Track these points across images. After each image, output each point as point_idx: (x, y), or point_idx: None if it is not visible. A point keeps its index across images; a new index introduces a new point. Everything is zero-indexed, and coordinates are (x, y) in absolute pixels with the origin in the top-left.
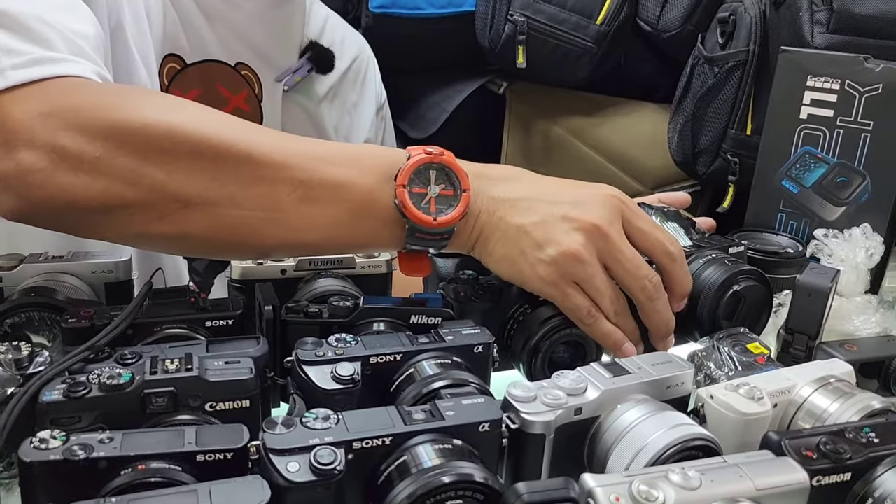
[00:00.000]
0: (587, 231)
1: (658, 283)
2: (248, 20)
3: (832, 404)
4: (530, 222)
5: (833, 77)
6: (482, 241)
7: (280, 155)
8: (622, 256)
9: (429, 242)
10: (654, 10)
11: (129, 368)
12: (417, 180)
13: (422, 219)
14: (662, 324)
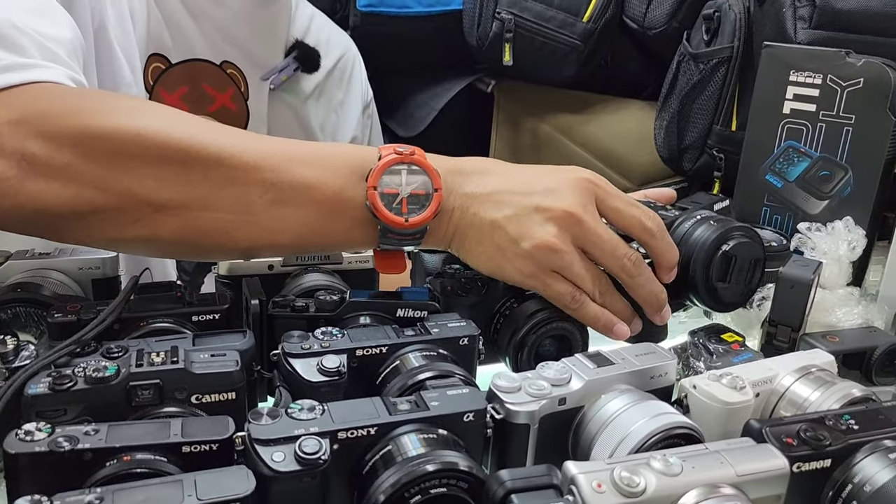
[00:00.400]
0: (560, 219)
1: (638, 260)
2: (233, 19)
3: (813, 393)
4: (503, 217)
5: (815, 72)
6: (458, 238)
7: (251, 157)
8: (598, 239)
9: (402, 242)
10: (640, 8)
11: (115, 361)
12: (389, 181)
13: (393, 220)
14: (652, 297)
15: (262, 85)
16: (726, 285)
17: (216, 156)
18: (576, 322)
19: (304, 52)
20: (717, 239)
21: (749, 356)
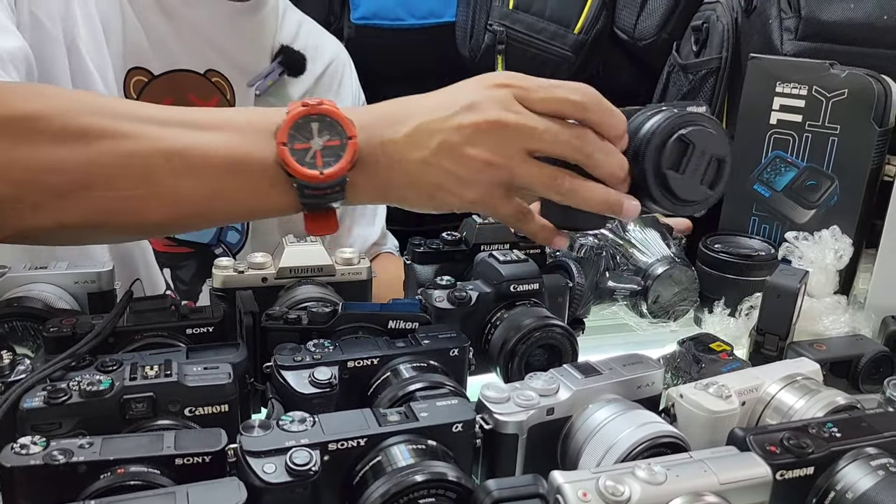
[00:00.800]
0: (488, 132)
1: (585, 135)
2: (216, 28)
3: (798, 401)
4: (430, 152)
5: (801, 83)
6: (392, 189)
7: (152, 129)
8: (535, 133)
9: (323, 198)
10: (630, 19)
11: (109, 375)
12: (299, 135)
13: (307, 174)
14: (615, 168)
15: (249, 91)
16: (679, 175)
17: (114, 130)
18: (566, 331)
19: (288, 56)
20: (675, 121)
21: (737, 365)
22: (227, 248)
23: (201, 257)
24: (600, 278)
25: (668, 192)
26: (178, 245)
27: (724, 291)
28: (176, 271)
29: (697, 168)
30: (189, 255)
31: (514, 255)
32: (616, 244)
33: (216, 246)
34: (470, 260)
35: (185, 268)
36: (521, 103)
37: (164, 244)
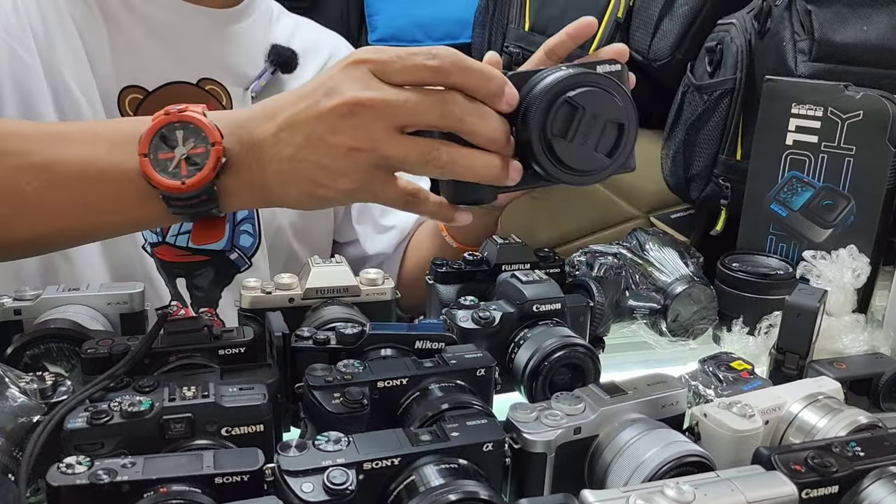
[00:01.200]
0: (346, 115)
1: (452, 99)
2: (206, 38)
3: (821, 420)
4: (297, 148)
5: (816, 104)
6: (271, 190)
7: (17, 143)
8: (395, 107)
9: (192, 208)
10: (645, 41)
11: (149, 396)
12: (164, 144)
13: (168, 185)
14: (491, 132)
15: (245, 95)
16: (568, 142)
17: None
18: (589, 351)
19: (277, 53)
20: (564, 82)
21: (758, 384)
22: (241, 252)
23: (218, 263)
24: (620, 297)
25: (556, 162)
26: (192, 254)
27: (743, 310)
28: (192, 280)
29: (589, 134)
30: (205, 263)
31: (536, 276)
32: (635, 263)
33: (231, 251)
34: (491, 280)
35: (201, 276)
36: (380, 78)
37: (177, 255)
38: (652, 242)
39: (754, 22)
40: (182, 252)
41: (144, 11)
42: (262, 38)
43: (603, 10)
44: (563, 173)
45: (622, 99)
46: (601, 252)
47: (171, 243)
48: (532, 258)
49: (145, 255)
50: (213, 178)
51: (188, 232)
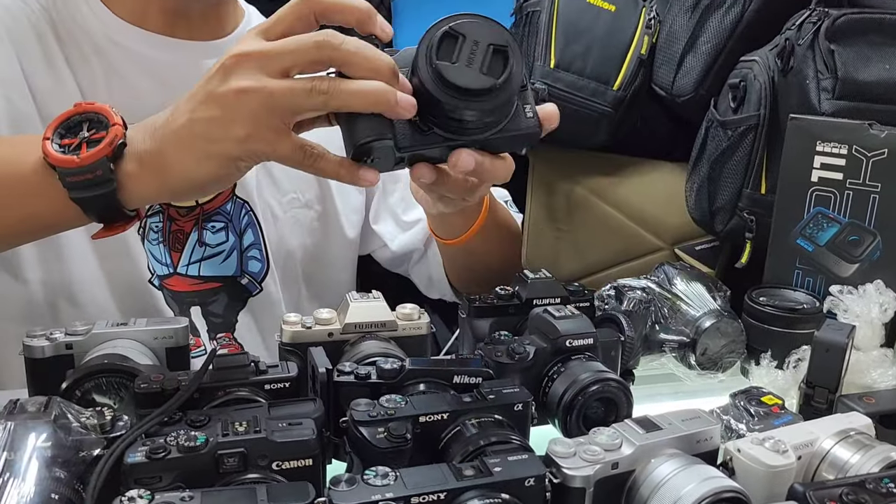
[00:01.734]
0: (232, 67)
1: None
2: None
3: (853, 456)
4: (191, 110)
5: (840, 142)
6: (169, 167)
7: None
8: (276, 51)
9: (87, 186)
10: (668, 77)
11: (203, 431)
12: (68, 134)
13: (64, 160)
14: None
15: None
16: (453, 65)
17: None
18: (622, 385)
19: None
20: (445, 20)
21: (789, 418)
22: (251, 277)
23: (230, 289)
24: (649, 331)
25: (445, 84)
26: (204, 282)
27: (771, 344)
28: (207, 307)
29: (473, 57)
30: (218, 290)
31: (569, 311)
32: (664, 298)
33: (241, 277)
34: (523, 314)
35: (215, 302)
36: (266, 36)
37: (189, 284)
38: (680, 277)
39: (777, 60)
40: (194, 281)
41: (134, 49)
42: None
43: (627, 48)
44: (455, 96)
45: (502, 29)
46: (630, 286)
47: (183, 273)
48: (562, 292)
49: (153, 289)
50: (109, 155)
51: (199, 261)
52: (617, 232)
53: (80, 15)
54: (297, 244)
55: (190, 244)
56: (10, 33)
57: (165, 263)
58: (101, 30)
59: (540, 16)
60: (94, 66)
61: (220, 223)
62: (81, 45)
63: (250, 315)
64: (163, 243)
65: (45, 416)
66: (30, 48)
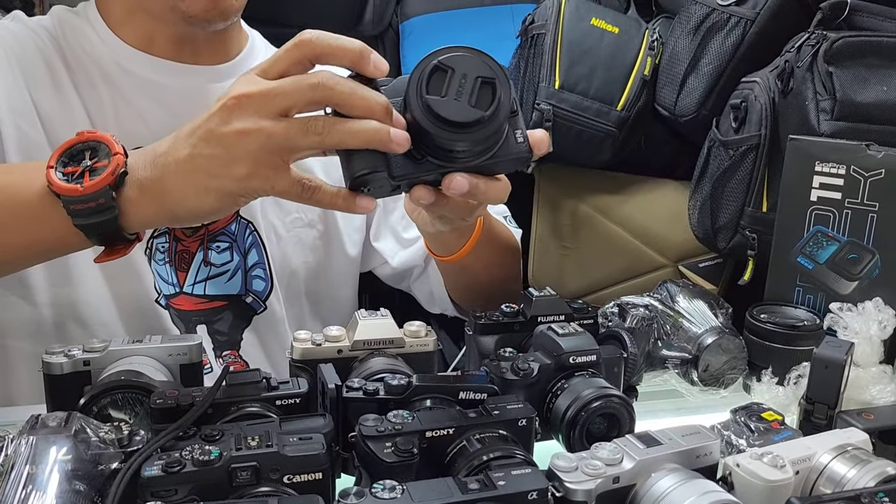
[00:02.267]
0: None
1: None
2: (203, 95)
3: (850, 471)
4: (193, 146)
5: (839, 163)
6: (169, 195)
7: None
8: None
9: (91, 214)
10: (671, 97)
11: (217, 445)
12: (71, 162)
13: (67, 188)
14: (369, 101)
15: None
16: (443, 98)
17: None
18: (624, 401)
19: None
20: (433, 55)
21: (789, 434)
22: (255, 296)
23: (235, 307)
24: (652, 347)
25: (435, 118)
26: (210, 301)
27: (772, 360)
28: (213, 325)
29: (462, 90)
30: (223, 308)
31: (572, 328)
32: (666, 315)
33: (245, 295)
34: (528, 330)
35: (221, 320)
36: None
37: (195, 303)
38: (682, 294)
39: (777, 81)
40: (200, 300)
41: (142, 75)
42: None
43: (630, 69)
44: (445, 129)
45: (491, 62)
46: (633, 303)
47: (189, 292)
48: (566, 310)
49: (159, 308)
50: (111, 183)
51: (204, 280)
52: (621, 249)
53: (87, 42)
54: (300, 262)
55: (195, 264)
56: (20, 61)
57: (172, 283)
58: (109, 56)
59: (545, 38)
60: (102, 92)
61: (225, 243)
62: (89, 71)
63: (255, 333)
64: (169, 263)
65: (66, 430)
66: (38, 75)
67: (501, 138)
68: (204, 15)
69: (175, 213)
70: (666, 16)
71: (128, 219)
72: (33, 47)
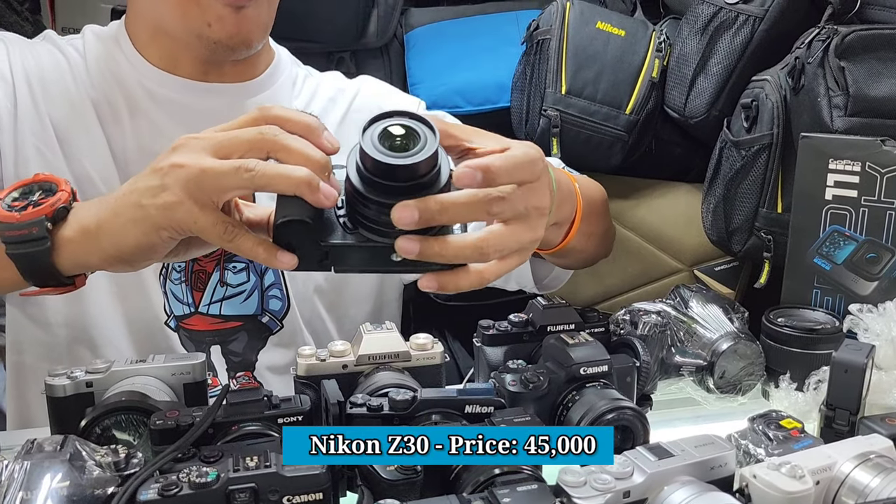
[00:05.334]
0: (175, 148)
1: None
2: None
3: (873, 479)
4: (131, 182)
5: (853, 160)
6: (102, 230)
7: None
8: (215, 138)
9: (24, 242)
10: (680, 99)
11: (214, 466)
12: (21, 197)
13: (5, 215)
14: (302, 148)
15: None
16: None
17: None
18: (637, 412)
19: None
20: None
21: (809, 442)
22: (272, 315)
23: (250, 328)
24: (666, 354)
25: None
26: (225, 321)
27: (790, 365)
28: (227, 346)
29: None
30: (238, 329)
31: (582, 338)
32: (679, 321)
33: (262, 315)
34: (537, 341)
35: (235, 341)
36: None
37: (210, 323)
38: (695, 299)
39: (788, 79)
40: (215, 320)
41: (167, 97)
42: (284, 104)
43: (638, 72)
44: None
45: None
46: (645, 310)
47: (205, 312)
48: (576, 319)
49: (168, 331)
50: (48, 214)
51: (220, 300)
52: (635, 255)
53: (114, 64)
54: (322, 279)
55: (212, 284)
56: (42, 84)
57: (187, 303)
58: (135, 78)
59: (550, 43)
60: (124, 118)
61: (242, 263)
62: (113, 96)
63: (270, 353)
64: (185, 283)
65: (61, 455)
66: (60, 101)
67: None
68: (228, 41)
69: (105, 249)
70: (673, 17)
71: (61, 256)
72: (58, 74)
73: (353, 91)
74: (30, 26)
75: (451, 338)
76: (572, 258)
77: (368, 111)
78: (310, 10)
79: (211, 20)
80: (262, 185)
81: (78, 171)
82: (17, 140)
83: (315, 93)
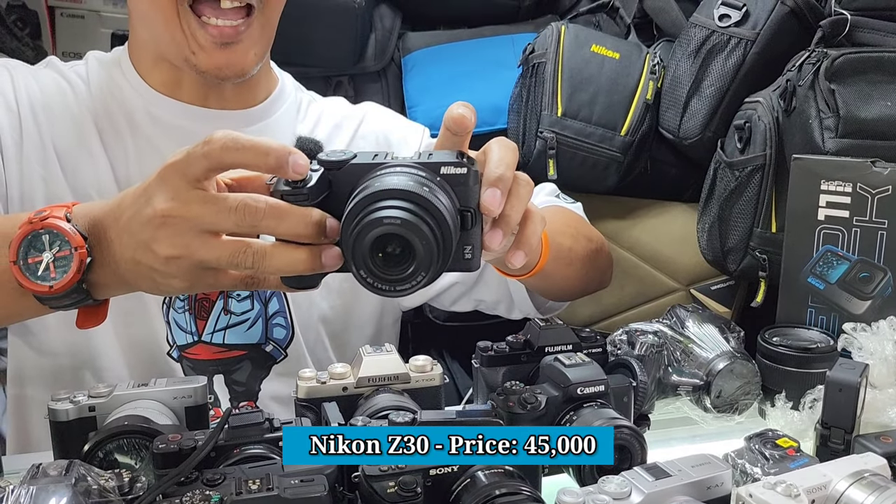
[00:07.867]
0: (161, 226)
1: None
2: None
3: (867, 498)
4: (133, 253)
5: (845, 181)
6: (129, 283)
7: None
8: (199, 218)
9: (65, 304)
10: (675, 120)
11: (217, 490)
12: (33, 248)
13: (38, 289)
14: (292, 229)
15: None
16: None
17: None
18: (635, 432)
19: (300, 145)
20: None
21: (805, 461)
22: (276, 344)
23: (254, 357)
24: (663, 374)
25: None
26: (229, 350)
27: (786, 384)
28: (230, 375)
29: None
30: (242, 358)
31: (579, 359)
32: (676, 341)
33: (266, 344)
34: (535, 361)
35: (239, 370)
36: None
37: (213, 352)
38: (692, 319)
39: (780, 101)
40: (218, 349)
41: (170, 122)
42: (288, 130)
43: (632, 94)
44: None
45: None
46: (642, 330)
47: (208, 341)
48: (574, 339)
49: (171, 361)
50: (79, 280)
51: (223, 329)
52: (632, 274)
53: (118, 89)
54: (327, 307)
55: (215, 312)
56: (46, 111)
57: (190, 332)
58: (139, 102)
59: (545, 66)
60: (128, 143)
61: (246, 292)
62: (117, 121)
63: (274, 383)
64: (188, 311)
65: (66, 479)
66: (64, 128)
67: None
68: (217, 73)
69: (135, 290)
70: (667, 39)
71: (99, 294)
72: (61, 100)
73: (359, 118)
74: (31, 52)
75: (450, 358)
76: (553, 283)
77: (374, 138)
78: (308, 35)
79: (195, 49)
80: (263, 273)
81: (81, 196)
82: (23, 170)
83: (319, 119)
